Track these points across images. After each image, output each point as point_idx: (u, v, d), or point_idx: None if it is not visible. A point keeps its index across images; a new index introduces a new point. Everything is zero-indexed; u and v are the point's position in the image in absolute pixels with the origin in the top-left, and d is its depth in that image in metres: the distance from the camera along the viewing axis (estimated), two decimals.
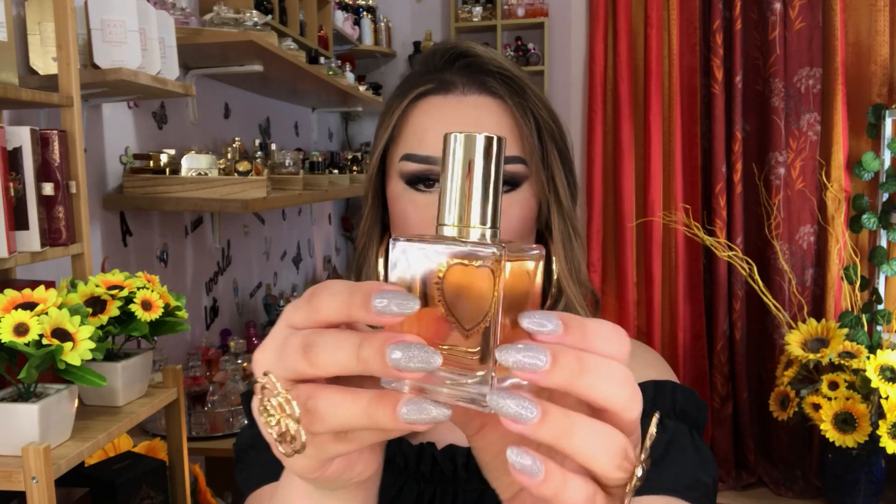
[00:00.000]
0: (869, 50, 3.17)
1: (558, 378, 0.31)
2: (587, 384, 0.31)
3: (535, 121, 0.66)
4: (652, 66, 3.40)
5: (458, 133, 0.34)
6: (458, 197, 0.35)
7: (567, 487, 0.32)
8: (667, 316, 3.52)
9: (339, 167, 3.15)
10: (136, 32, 1.56)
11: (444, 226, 0.35)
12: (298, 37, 2.74)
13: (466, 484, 0.67)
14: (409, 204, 0.65)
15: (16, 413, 1.01)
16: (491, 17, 3.74)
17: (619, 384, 0.32)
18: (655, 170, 3.45)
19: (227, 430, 1.88)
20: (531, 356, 0.31)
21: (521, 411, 0.31)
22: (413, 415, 0.32)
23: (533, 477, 0.31)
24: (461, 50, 0.69)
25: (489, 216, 0.35)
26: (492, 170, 0.34)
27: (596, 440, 0.32)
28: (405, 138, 0.67)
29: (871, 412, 2.60)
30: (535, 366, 0.31)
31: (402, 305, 0.32)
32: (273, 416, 0.34)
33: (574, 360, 0.31)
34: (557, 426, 0.31)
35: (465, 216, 0.35)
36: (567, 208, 0.68)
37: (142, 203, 1.85)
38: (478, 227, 0.35)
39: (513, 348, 0.31)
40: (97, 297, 1.17)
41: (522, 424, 0.31)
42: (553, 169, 0.67)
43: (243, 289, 2.71)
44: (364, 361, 0.32)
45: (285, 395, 0.33)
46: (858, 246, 3.16)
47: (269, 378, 0.34)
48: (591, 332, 0.32)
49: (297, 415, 0.33)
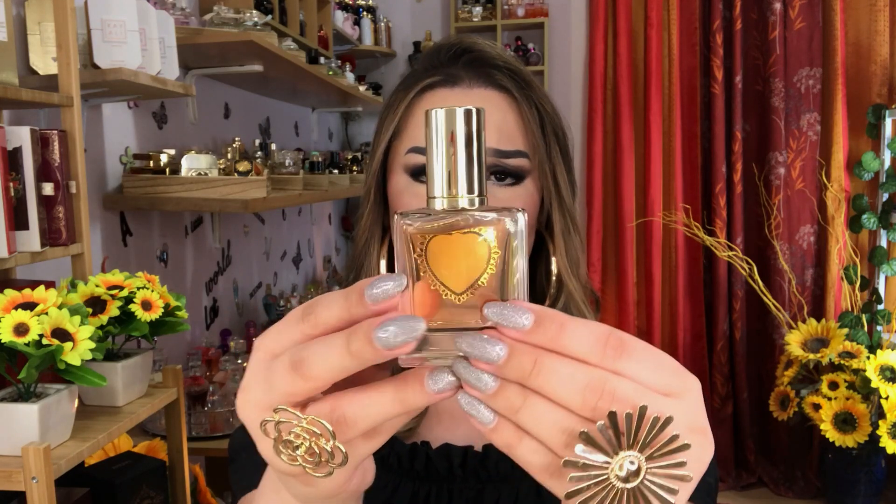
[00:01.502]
0: (869, 50, 3.17)
1: (510, 374, 0.32)
2: (539, 384, 0.32)
3: (540, 115, 0.66)
4: (652, 66, 3.40)
5: (439, 109, 0.36)
6: (444, 169, 0.36)
7: (521, 444, 0.33)
8: (667, 316, 3.52)
9: (339, 167, 3.15)
10: (136, 32, 1.56)
11: (434, 198, 0.36)
12: (298, 37, 2.74)
13: (462, 483, 0.67)
14: (413, 198, 0.65)
15: (16, 413, 1.01)
16: (491, 17, 3.74)
17: (576, 389, 0.31)
18: (655, 170, 3.45)
19: (227, 430, 1.88)
20: (487, 348, 0.32)
21: (481, 381, 0.32)
22: (440, 384, 0.33)
23: (484, 424, 0.33)
24: (466, 45, 0.69)
25: (475, 184, 0.36)
26: (473, 140, 0.36)
27: (544, 417, 0.32)
28: (411, 131, 0.66)
29: (871, 412, 2.60)
30: (489, 358, 0.32)
31: (394, 285, 0.32)
32: (301, 446, 0.33)
33: (528, 361, 0.32)
34: (509, 400, 0.32)
35: (453, 187, 0.36)
36: (568, 203, 0.68)
37: (142, 203, 1.85)
38: (465, 196, 0.36)
39: (474, 336, 0.32)
40: (97, 297, 1.17)
41: (478, 392, 0.32)
42: (555, 164, 0.67)
43: (243, 289, 2.71)
44: (356, 354, 0.32)
45: (309, 417, 0.33)
46: (858, 246, 3.16)
47: (284, 410, 0.33)
48: (566, 331, 0.32)
49: (330, 430, 0.33)
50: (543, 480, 0.33)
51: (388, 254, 0.70)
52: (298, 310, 0.35)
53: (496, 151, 0.63)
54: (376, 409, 0.33)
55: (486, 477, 0.67)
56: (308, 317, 0.34)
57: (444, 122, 0.36)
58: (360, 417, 0.33)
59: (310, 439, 0.33)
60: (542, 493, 0.66)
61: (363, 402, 0.33)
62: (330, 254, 3.78)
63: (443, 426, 0.71)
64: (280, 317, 2.12)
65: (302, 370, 0.33)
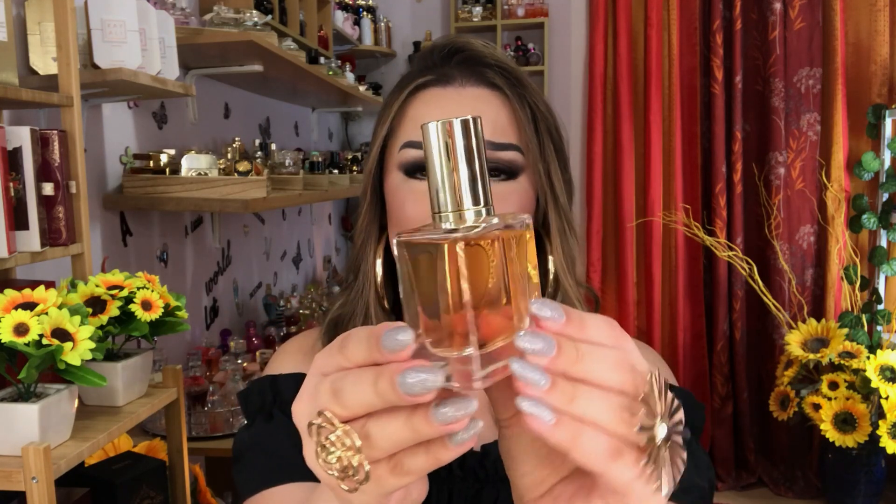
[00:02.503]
0: (869, 50, 3.17)
1: (561, 364, 0.34)
2: (584, 369, 0.34)
3: (533, 112, 0.66)
4: (652, 66, 3.40)
5: (435, 122, 0.35)
6: (447, 184, 0.35)
7: (582, 435, 0.34)
8: (667, 316, 3.52)
9: (339, 167, 3.15)
10: (136, 32, 1.56)
11: (438, 214, 0.35)
12: (298, 37, 2.74)
13: (461, 482, 0.67)
14: (408, 194, 0.65)
15: (16, 413, 1.01)
16: (491, 17, 3.74)
17: (611, 368, 0.34)
18: (655, 170, 3.45)
19: (227, 430, 1.88)
20: (544, 342, 0.34)
21: (537, 377, 0.34)
22: (442, 416, 0.33)
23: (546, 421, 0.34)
24: (459, 45, 0.69)
25: (480, 195, 0.35)
26: (474, 150, 0.35)
27: (598, 402, 0.34)
28: (404, 129, 0.67)
29: (871, 412, 2.60)
30: (546, 351, 0.34)
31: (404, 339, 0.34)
32: (334, 453, 0.34)
33: (572, 349, 0.34)
34: (564, 392, 0.34)
35: (458, 201, 0.35)
36: (562, 203, 0.68)
37: (142, 203, 1.85)
38: (470, 209, 0.35)
39: (532, 335, 0.34)
40: (97, 297, 1.17)
41: (533, 388, 0.33)
42: (549, 162, 0.67)
43: (243, 289, 2.71)
44: (381, 394, 0.33)
45: (344, 427, 0.34)
46: (858, 246, 3.16)
47: (325, 415, 0.35)
48: (588, 323, 0.35)
49: (357, 444, 0.34)
50: (607, 468, 0.34)
51: (384, 253, 0.70)
52: (341, 337, 0.37)
53: (488, 143, 0.62)
54: (391, 432, 0.34)
55: (485, 476, 0.67)
56: (343, 349, 0.36)
57: (441, 135, 0.35)
58: (381, 437, 0.34)
59: (341, 449, 0.34)
60: None
61: (383, 422, 0.34)
62: (330, 254, 3.78)
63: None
64: (280, 317, 2.11)
65: (339, 398, 0.35)
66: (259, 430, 0.70)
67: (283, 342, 2.56)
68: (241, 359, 2.15)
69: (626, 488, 0.35)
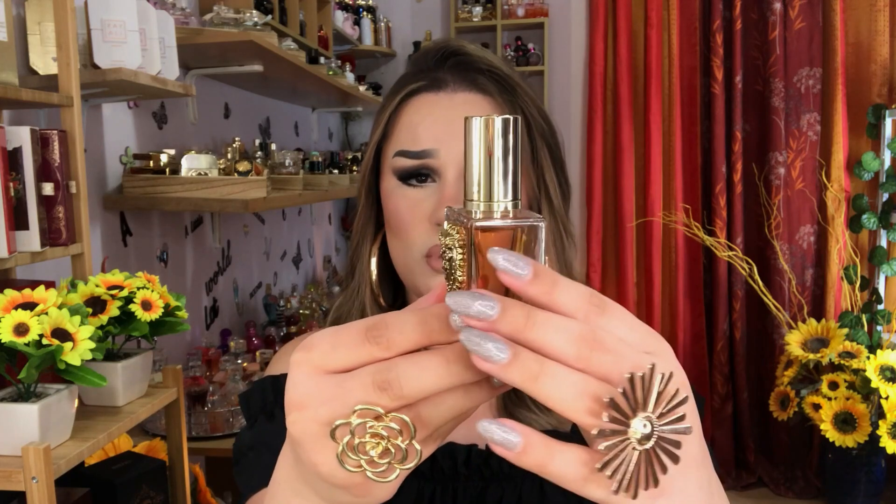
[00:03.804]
0: (869, 50, 3.17)
1: (504, 328, 0.32)
2: (534, 336, 0.32)
3: (525, 118, 0.67)
4: (652, 66, 3.40)
5: (477, 117, 0.37)
6: (483, 175, 0.37)
7: (554, 458, 0.32)
8: (667, 316, 3.52)
9: (339, 167, 3.15)
10: (136, 32, 1.56)
11: (471, 201, 0.37)
12: (298, 37, 2.74)
13: (466, 481, 0.68)
14: (402, 199, 0.67)
15: (16, 413, 1.01)
16: (491, 17, 3.74)
17: (570, 339, 0.32)
18: (655, 170, 3.45)
19: (227, 430, 1.88)
20: (483, 305, 0.31)
21: (495, 352, 0.31)
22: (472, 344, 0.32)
23: (510, 449, 0.32)
24: (452, 49, 0.70)
25: (510, 190, 0.37)
26: (510, 147, 0.37)
27: (562, 383, 0.31)
28: (397, 135, 0.68)
29: (871, 412, 2.60)
30: (486, 314, 0.31)
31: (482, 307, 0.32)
32: (377, 447, 0.34)
33: (521, 315, 0.32)
34: (526, 369, 0.31)
35: (489, 191, 0.37)
36: (557, 206, 0.69)
37: (142, 203, 1.85)
38: (500, 201, 0.37)
39: (467, 295, 0.32)
40: (97, 297, 1.17)
41: (492, 364, 0.31)
42: (543, 166, 0.68)
43: (243, 289, 2.71)
44: (455, 375, 0.33)
45: (395, 416, 0.34)
46: (858, 246, 3.16)
47: (369, 409, 0.34)
48: (558, 287, 0.33)
49: (413, 430, 0.34)
50: (582, 488, 0.33)
51: (378, 253, 0.72)
52: (359, 331, 0.35)
53: None
54: (447, 407, 0.34)
55: (490, 475, 0.67)
56: (378, 339, 0.34)
57: (483, 130, 0.37)
58: (436, 416, 0.34)
59: (387, 439, 0.34)
60: (544, 491, 0.66)
61: (436, 401, 0.34)
62: (330, 254, 3.78)
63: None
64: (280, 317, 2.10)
65: (392, 390, 0.33)
66: (261, 430, 0.70)
67: (283, 342, 2.56)
68: (241, 359, 2.15)
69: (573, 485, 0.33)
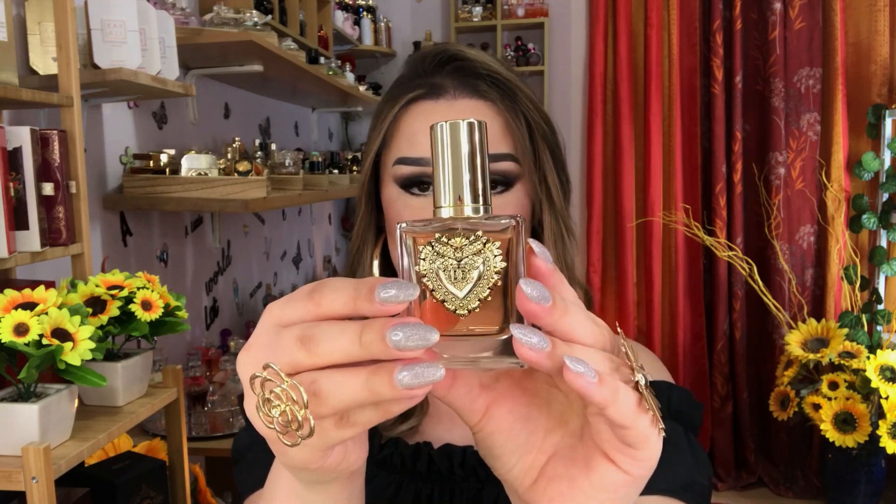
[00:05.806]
0: (869, 50, 3.17)
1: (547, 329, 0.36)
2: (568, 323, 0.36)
3: (527, 122, 0.67)
4: (652, 66, 3.40)
5: (443, 122, 0.38)
6: (450, 180, 0.37)
7: (619, 391, 0.35)
8: (667, 316, 3.52)
9: (339, 167, 3.15)
10: (136, 32, 1.56)
11: (440, 208, 0.38)
12: (298, 37, 2.74)
13: (463, 482, 0.68)
14: (404, 208, 0.66)
15: (16, 413, 1.01)
16: (491, 17, 3.74)
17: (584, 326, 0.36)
18: (655, 170, 3.45)
19: (227, 430, 1.88)
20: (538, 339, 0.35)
21: (542, 342, 0.34)
22: (408, 379, 0.33)
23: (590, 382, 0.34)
24: (451, 53, 0.70)
25: (479, 194, 0.37)
26: (477, 151, 0.37)
27: (592, 360, 0.35)
28: (397, 143, 0.68)
29: (871, 412, 2.60)
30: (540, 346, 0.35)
31: (404, 295, 0.33)
32: (277, 407, 0.34)
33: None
34: (559, 353, 0.35)
35: (458, 196, 0.37)
36: (559, 208, 0.69)
37: (142, 203, 1.85)
38: (469, 205, 0.37)
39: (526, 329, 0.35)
40: (97, 297, 1.17)
41: (538, 352, 0.34)
42: (545, 169, 0.68)
43: (243, 289, 2.71)
44: (366, 346, 0.33)
45: (291, 381, 0.34)
46: (858, 246, 3.16)
47: (272, 368, 0.34)
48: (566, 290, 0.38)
49: (304, 399, 0.34)
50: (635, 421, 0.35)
51: (380, 257, 0.72)
52: (308, 287, 0.36)
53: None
54: (347, 390, 0.34)
55: (486, 476, 0.67)
56: (314, 295, 0.35)
57: (448, 135, 0.37)
58: (332, 395, 0.34)
59: (286, 403, 0.34)
60: None
61: (337, 380, 0.34)
62: (330, 254, 3.79)
63: (443, 426, 0.72)
64: None
65: (310, 346, 0.34)
66: None
67: None
68: None
69: (646, 439, 0.36)
